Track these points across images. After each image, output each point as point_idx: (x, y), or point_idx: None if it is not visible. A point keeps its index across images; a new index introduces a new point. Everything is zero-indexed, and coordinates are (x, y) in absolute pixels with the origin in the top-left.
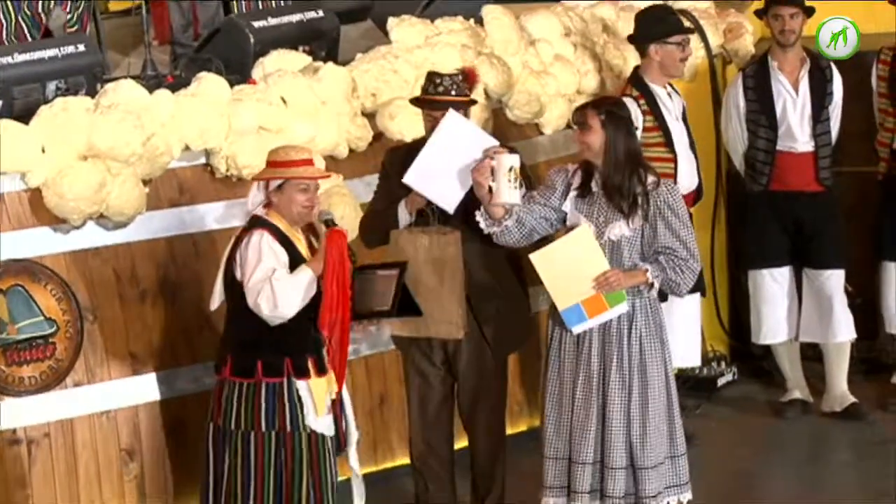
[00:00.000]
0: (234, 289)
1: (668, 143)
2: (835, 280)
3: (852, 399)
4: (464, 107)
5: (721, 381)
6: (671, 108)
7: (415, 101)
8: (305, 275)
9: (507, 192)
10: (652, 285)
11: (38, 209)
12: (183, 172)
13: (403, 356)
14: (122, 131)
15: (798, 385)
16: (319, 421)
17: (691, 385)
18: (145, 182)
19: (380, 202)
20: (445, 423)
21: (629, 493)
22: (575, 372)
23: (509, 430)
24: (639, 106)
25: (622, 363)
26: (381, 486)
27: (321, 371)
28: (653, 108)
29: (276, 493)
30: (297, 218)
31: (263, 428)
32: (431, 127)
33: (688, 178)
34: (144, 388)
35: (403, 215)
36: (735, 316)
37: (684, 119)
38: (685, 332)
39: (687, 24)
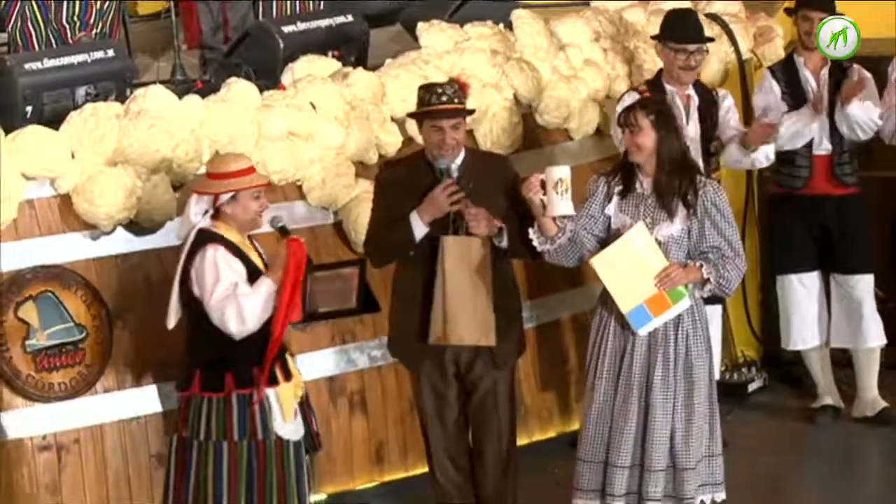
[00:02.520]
0: (193, 306)
1: None
2: (864, 285)
3: (884, 404)
4: (465, 115)
5: (752, 387)
6: (680, 111)
7: (416, 115)
8: (267, 287)
9: (558, 203)
10: (707, 281)
11: (68, 215)
12: None
13: (415, 374)
14: (152, 137)
15: (829, 391)
16: (286, 426)
17: (722, 391)
18: (175, 188)
19: (383, 217)
20: (463, 435)
21: (668, 495)
22: (617, 375)
23: (538, 437)
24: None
25: (668, 365)
26: (412, 493)
27: (287, 377)
28: None
29: (248, 502)
30: (249, 226)
31: (236, 437)
32: (439, 139)
33: None
34: (174, 395)
35: (419, 226)
36: (766, 321)
37: (703, 117)
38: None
39: (717, 30)
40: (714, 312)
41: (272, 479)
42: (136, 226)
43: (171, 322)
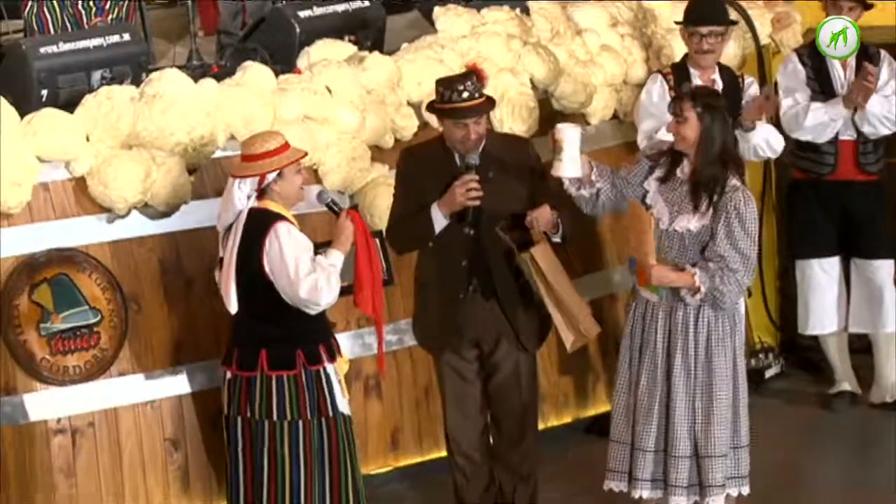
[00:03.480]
0: (259, 286)
1: None
2: (885, 270)
3: None
4: (488, 110)
5: (769, 373)
6: None
7: (438, 111)
8: (339, 258)
9: (555, 164)
10: (698, 290)
11: (83, 198)
12: (228, 162)
13: (436, 357)
14: (167, 120)
15: (846, 376)
16: (344, 401)
17: None
18: (190, 171)
19: (405, 206)
20: (482, 417)
21: (692, 484)
22: (640, 359)
23: (554, 422)
24: (666, 82)
25: (687, 351)
26: (427, 477)
27: (339, 352)
28: (676, 87)
29: (321, 481)
30: (296, 200)
31: (309, 415)
32: (462, 135)
33: None
34: (189, 378)
35: (438, 218)
36: (784, 308)
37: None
38: None
39: (734, 15)
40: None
41: (345, 456)
42: (151, 209)
43: (234, 306)
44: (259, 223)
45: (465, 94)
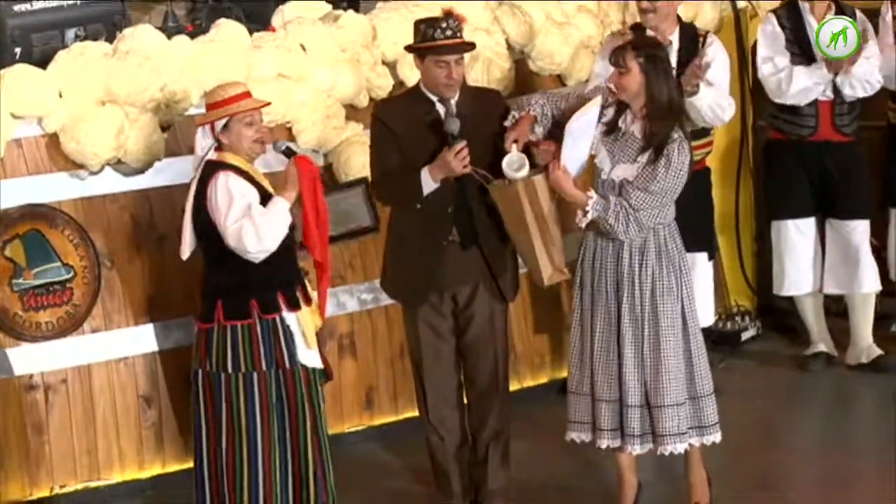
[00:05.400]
0: (211, 235)
1: None
2: (861, 230)
3: (879, 351)
4: (469, 49)
5: (745, 336)
6: None
7: (420, 49)
8: (281, 205)
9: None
10: (586, 214)
11: (56, 154)
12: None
13: (411, 312)
14: (140, 77)
15: (822, 338)
16: (309, 353)
17: (715, 339)
18: (164, 128)
19: (387, 159)
20: (457, 374)
21: (646, 433)
22: (592, 310)
23: (530, 382)
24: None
25: (633, 301)
26: (402, 437)
27: (308, 301)
28: None
29: (280, 432)
30: (249, 153)
31: (265, 367)
32: (445, 75)
33: None
34: (162, 335)
35: (428, 182)
36: (760, 271)
37: (681, 64)
38: (697, 292)
39: None
40: (696, 260)
41: (303, 408)
42: (124, 166)
43: (186, 253)
44: (207, 173)
45: (449, 32)
